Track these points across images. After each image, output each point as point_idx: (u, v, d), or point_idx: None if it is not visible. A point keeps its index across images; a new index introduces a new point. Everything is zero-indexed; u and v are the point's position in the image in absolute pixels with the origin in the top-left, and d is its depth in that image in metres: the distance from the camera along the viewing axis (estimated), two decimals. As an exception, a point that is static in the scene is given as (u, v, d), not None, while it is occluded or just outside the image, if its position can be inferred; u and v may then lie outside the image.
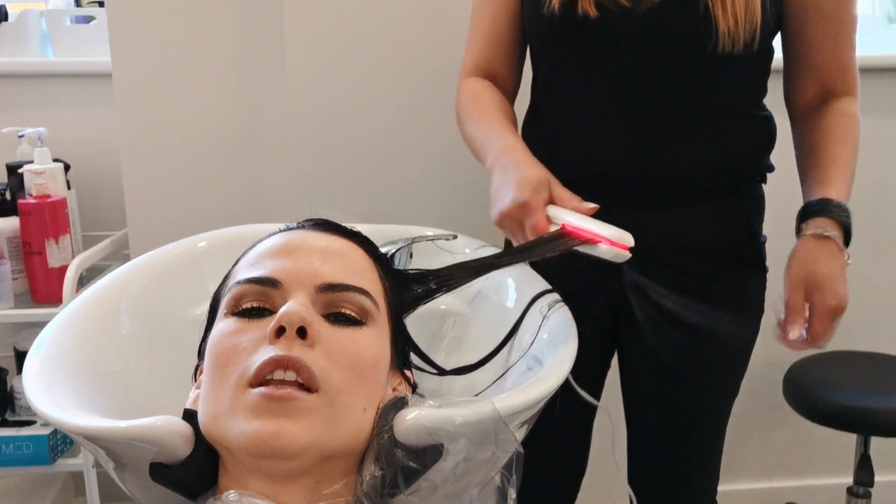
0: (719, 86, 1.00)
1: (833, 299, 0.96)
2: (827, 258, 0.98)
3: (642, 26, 0.97)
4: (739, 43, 0.95)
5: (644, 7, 0.97)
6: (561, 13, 0.99)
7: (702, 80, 0.99)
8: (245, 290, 0.70)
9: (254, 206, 1.54)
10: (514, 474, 0.68)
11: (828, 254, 0.98)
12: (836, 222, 0.98)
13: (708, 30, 0.95)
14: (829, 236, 0.98)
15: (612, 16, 0.98)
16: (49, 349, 0.81)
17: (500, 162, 0.96)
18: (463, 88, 1.13)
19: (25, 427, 1.50)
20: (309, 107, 1.47)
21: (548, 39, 1.06)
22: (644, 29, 0.97)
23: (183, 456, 0.66)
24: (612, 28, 0.98)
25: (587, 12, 0.98)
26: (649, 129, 1.00)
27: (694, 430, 1.14)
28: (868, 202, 1.84)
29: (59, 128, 1.69)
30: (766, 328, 1.80)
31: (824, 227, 0.98)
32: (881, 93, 1.82)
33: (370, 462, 0.66)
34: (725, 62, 0.97)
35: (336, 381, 0.66)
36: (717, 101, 1.00)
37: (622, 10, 0.97)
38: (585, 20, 0.98)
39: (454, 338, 0.98)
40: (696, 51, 0.96)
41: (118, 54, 1.48)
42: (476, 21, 1.14)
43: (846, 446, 1.70)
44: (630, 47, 0.99)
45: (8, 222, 1.52)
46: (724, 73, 1.00)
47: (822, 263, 0.98)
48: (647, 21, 0.97)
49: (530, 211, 0.89)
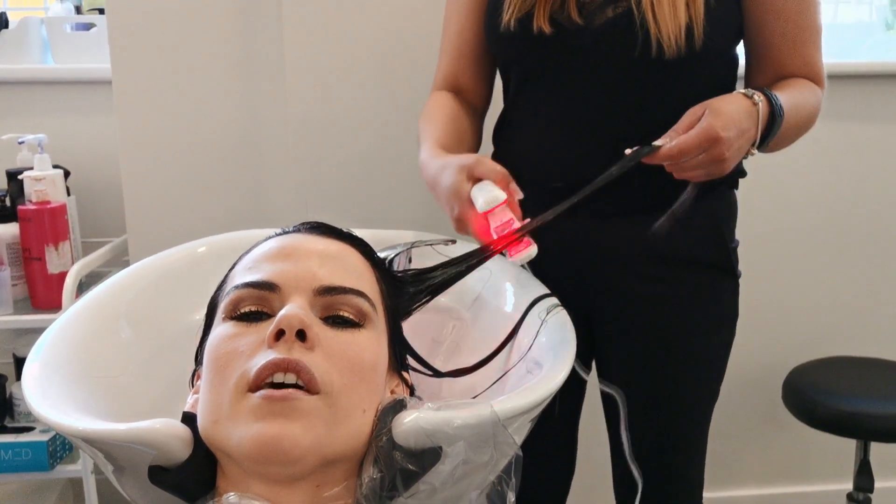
0: (680, 94, 0.99)
1: (720, 128, 0.89)
2: (738, 107, 0.92)
3: (597, 41, 0.99)
4: (673, 47, 0.95)
5: (598, 23, 0.98)
6: (517, 30, 1.01)
7: (660, 88, 1.00)
8: (243, 295, 0.70)
9: (253, 212, 1.54)
10: (513, 477, 0.68)
11: (741, 105, 0.93)
12: (767, 101, 0.95)
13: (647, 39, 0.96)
14: (753, 99, 0.94)
15: (567, 32, 0.99)
16: (48, 354, 0.81)
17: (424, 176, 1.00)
18: (426, 104, 1.14)
19: (24, 433, 1.50)
20: (308, 113, 1.48)
21: (507, 55, 1.08)
22: (598, 43, 0.99)
23: (182, 459, 0.66)
24: (568, 43, 1.00)
25: (542, 29, 1.00)
26: (612, 139, 1.00)
27: (673, 437, 1.14)
28: (868, 207, 1.85)
29: (59, 134, 1.69)
30: (760, 336, 1.82)
31: (754, 93, 0.95)
32: (879, 99, 1.82)
33: (369, 465, 0.66)
34: (680, 69, 0.98)
35: (336, 382, 0.66)
36: (680, 108, 0.99)
37: (576, 27, 0.99)
38: (541, 36, 1.00)
39: (454, 342, 0.98)
40: (647, 60, 0.97)
41: (118, 61, 1.48)
42: (444, 35, 1.16)
43: (846, 452, 1.70)
44: (587, 61, 1.00)
45: (8, 228, 1.52)
46: (683, 81, 1.00)
47: (730, 104, 0.92)
48: (601, 35, 0.98)
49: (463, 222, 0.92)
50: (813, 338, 1.86)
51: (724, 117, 0.90)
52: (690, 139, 0.90)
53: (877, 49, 1.95)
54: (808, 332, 1.87)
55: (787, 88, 1.02)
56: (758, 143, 0.95)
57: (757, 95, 0.95)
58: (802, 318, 1.87)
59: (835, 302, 1.88)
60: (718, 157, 0.90)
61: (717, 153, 0.90)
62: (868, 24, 2.03)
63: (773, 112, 0.95)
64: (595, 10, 0.99)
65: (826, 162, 1.82)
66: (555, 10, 1.00)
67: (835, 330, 1.88)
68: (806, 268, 1.86)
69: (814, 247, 1.85)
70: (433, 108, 1.12)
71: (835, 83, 1.78)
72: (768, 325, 1.84)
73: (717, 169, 0.92)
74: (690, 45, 0.96)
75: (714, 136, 0.89)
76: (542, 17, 1.00)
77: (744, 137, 0.92)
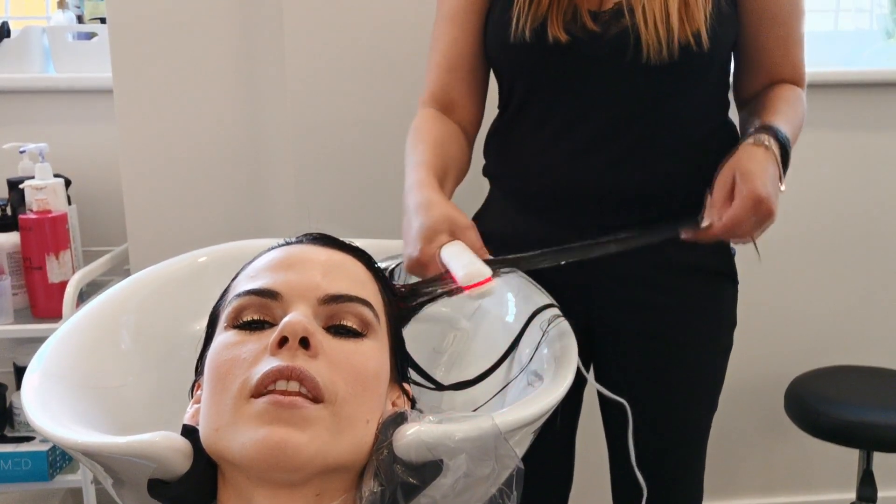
0: (688, 101, 1.01)
1: (760, 188, 0.92)
2: (761, 159, 0.95)
3: (612, 50, 0.99)
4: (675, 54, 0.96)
5: (612, 32, 0.99)
6: (532, 39, 1.01)
7: (672, 96, 1.01)
8: (245, 303, 0.70)
9: (254, 221, 1.54)
10: (514, 490, 0.67)
11: (762, 156, 0.95)
12: (775, 139, 0.97)
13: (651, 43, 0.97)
14: (765, 144, 0.96)
15: (581, 41, 1.00)
16: (48, 364, 0.81)
17: (406, 202, 0.97)
18: (413, 124, 1.11)
19: (24, 443, 1.50)
20: (309, 123, 1.48)
21: (518, 66, 1.07)
22: (613, 52, 0.99)
23: (181, 472, 0.66)
24: (583, 52, 1.00)
25: (558, 38, 1.00)
26: (623, 147, 1.01)
27: (672, 445, 1.14)
28: (871, 216, 1.85)
29: (61, 143, 1.70)
30: (763, 345, 1.81)
31: (763, 138, 0.97)
32: (880, 107, 1.82)
33: (370, 478, 0.66)
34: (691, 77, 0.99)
35: (341, 391, 0.65)
36: (688, 115, 1.00)
37: (591, 35, 1.00)
38: (556, 45, 1.00)
39: (454, 353, 0.98)
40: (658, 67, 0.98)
41: (119, 70, 1.49)
42: (433, 48, 1.13)
43: (848, 462, 1.70)
44: (601, 70, 1.01)
45: (8, 237, 1.52)
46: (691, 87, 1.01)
47: (753, 161, 0.95)
48: (616, 44, 0.99)
49: (422, 265, 0.90)
50: (816, 347, 1.86)
51: (757, 177, 0.93)
52: (739, 211, 0.93)
53: (877, 57, 1.96)
54: (810, 341, 1.86)
55: (780, 107, 1.03)
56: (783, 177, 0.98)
57: (766, 139, 0.97)
58: (805, 328, 1.86)
59: (838, 311, 1.87)
60: (767, 213, 0.94)
61: (766, 211, 0.93)
62: (868, 33, 2.03)
63: (784, 148, 0.98)
64: (609, 19, 1.00)
65: (827, 170, 1.82)
66: (567, 19, 1.01)
67: (838, 339, 1.88)
68: (808, 277, 1.85)
69: (816, 256, 1.85)
70: (422, 130, 1.08)
71: (835, 91, 1.80)
72: (771, 335, 1.83)
73: (768, 223, 0.95)
74: (699, 50, 0.97)
75: (758, 199, 0.92)
76: (557, 26, 1.00)
77: (775, 185, 0.95)
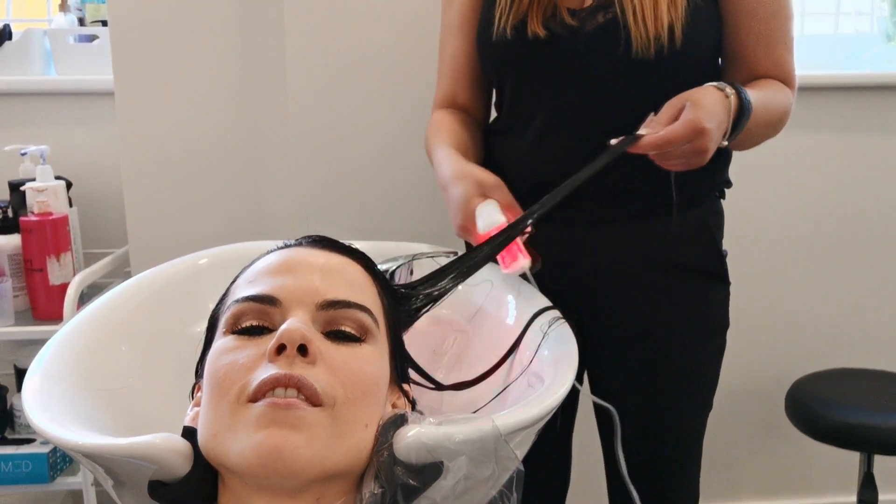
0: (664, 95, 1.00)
1: (705, 121, 0.90)
2: (716, 101, 0.94)
3: (588, 45, 1.01)
4: (651, 49, 0.98)
5: (588, 28, 1.01)
6: (512, 36, 1.04)
7: (652, 93, 1.01)
8: (244, 309, 0.70)
9: (255, 223, 1.54)
10: (514, 492, 0.67)
11: (718, 99, 0.94)
12: (737, 95, 0.96)
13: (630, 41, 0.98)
14: (726, 93, 0.95)
15: (560, 36, 1.02)
16: (49, 366, 0.81)
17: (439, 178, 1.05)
18: (430, 122, 1.18)
19: (25, 445, 1.50)
20: (310, 126, 1.48)
21: (502, 63, 1.10)
22: (590, 47, 1.01)
23: (182, 474, 0.65)
24: (561, 47, 1.02)
25: (536, 34, 1.02)
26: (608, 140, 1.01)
27: (667, 446, 1.14)
28: (870, 218, 1.85)
29: (62, 146, 1.70)
30: (763, 348, 1.81)
31: (726, 89, 0.96)
32: (880, 110, 1.82)
33: (370, 480, 0.66)
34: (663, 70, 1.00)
35: (339, 396, 0.65)
36: None
37: (569, 31, 1.02)
38: (536, 41, 1.02)
39: (455, 354, 0.98)
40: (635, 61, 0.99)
41: (121, 73, 1.49)
42: (440, 58, 1.20)
43: (849, 465, 1.69)
44: (581, 65, 1.02)
45: (9, 239, 1.52)
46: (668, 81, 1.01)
47: (708, 98, 0.94)
48: (592, 39, 1.00)
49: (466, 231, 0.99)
50: (816, 349, 1.86)
51: (706, 109, 0.92)
52: (677, 130, 0.91)
53: (877, 60, 1.96)
54: (811, 343, 1.86)
55: (758, 87, 1.04)
56: (728, 135, 0.97)
57: (728, 89, 0.96)
58: (805, 330, 1.86)
59: (838, 314, 1.87)
60: (702, 148, 0.92)
61: (701, 144, 0.92)
62: (869, 36, 2.03)
63: (742, 106, 0.96)
64: (586, 15, 1.02)
65: (827, 173, 1.82)
66: (547, 16, 1.03)
67: (838, 342, 1.87)
68: (809, 279, 1.85)
69: (816, 258, 1.85)
70: (439, 123, 1.15)
71: (835, 94, 1.81)
72: (771, 337, 1.83)
73: (697, 160, 0.94)
74: (672, 46, 0.99)
75: (699, 128, 0.91)
76: (536, 22, 1.03)
77: (720, 129, 0.94)
